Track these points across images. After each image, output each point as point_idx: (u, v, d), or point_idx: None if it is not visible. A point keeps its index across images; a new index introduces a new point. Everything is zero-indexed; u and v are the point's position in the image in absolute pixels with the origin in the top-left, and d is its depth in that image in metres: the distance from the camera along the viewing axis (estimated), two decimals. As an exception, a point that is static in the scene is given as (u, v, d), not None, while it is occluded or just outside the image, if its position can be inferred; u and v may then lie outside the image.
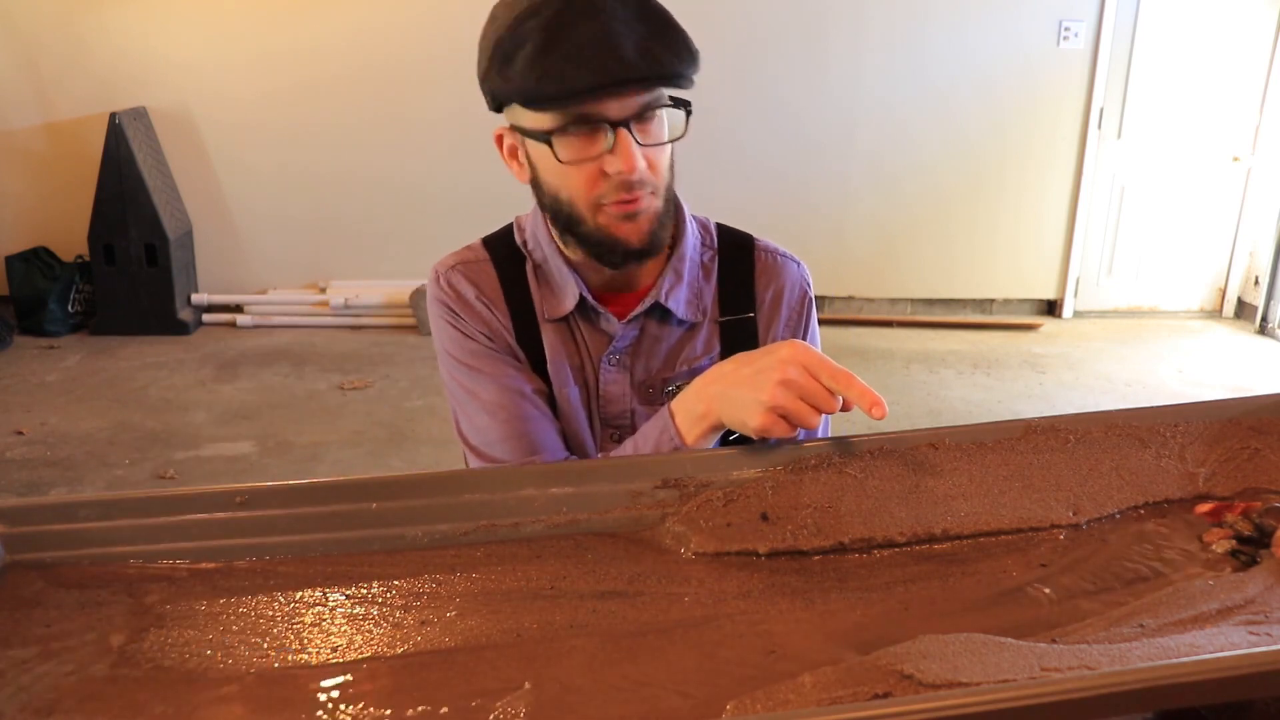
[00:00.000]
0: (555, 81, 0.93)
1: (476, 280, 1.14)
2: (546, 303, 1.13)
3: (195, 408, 3.98)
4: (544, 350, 1.14)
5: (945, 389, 4.30)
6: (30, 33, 4.81)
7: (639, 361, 1.14)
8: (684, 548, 0.89)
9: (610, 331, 1.13)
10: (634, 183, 0.99)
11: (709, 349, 1.15)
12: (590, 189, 1.00)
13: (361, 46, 4.89)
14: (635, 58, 0.93)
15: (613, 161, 0.97)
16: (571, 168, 0.99)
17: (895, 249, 5.26)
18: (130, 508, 0.87)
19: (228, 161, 5.04)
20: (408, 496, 0.90)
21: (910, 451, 0.94)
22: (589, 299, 1.11)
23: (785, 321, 1.17)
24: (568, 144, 0.98)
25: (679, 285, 1.13)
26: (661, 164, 1.03)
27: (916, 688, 0.63)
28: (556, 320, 1.14)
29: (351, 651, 0.75)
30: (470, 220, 5.00)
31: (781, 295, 1.17)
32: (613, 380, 1.14)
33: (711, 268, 1.16)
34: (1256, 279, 5.24)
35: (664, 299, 1.12)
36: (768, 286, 1.17)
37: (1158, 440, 0.98)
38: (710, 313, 1.15)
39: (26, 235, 4.99)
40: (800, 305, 1.18)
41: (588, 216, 1.02)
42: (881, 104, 5.06)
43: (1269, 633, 0.70)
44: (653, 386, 1.14)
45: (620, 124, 0.97)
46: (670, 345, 1.14)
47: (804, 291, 1.19)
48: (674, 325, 1.14)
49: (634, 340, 1.13)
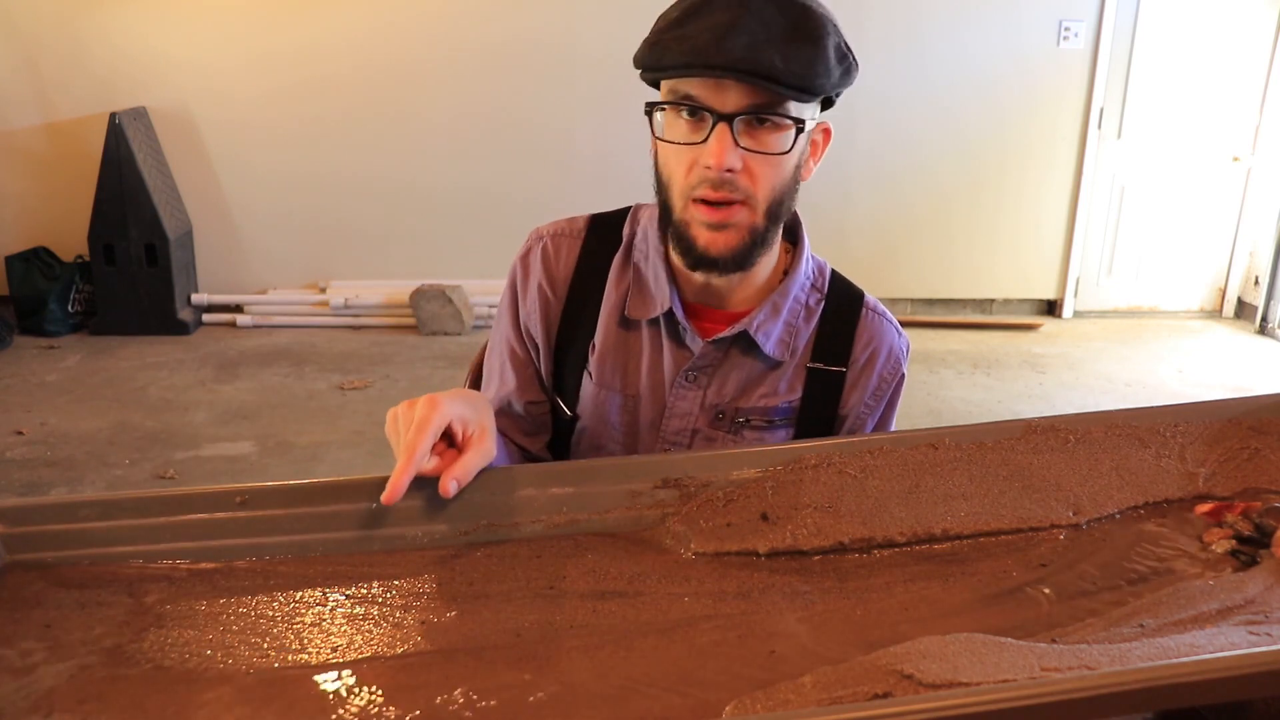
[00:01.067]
0: (660, 52, 0.95)
1: (556, 254, 1.14)
2: (632, 301, 1.11)
3: (195, 408, 3.98)
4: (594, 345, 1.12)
5: (945, 389, 4.30)
6: (30, 33, 4.80)
7: (714, 384, 1.11)
8: (684, 548, 0.89)
9: (692, 348, 1.10)
10: (721, 181, 0.96)
11: (791, 391, 1.11)
12: (684, 175, 0.98)
13: (361, 46, 4.89)
14: (740, 51, 0.91)
15: (704, 153, 0.96)
16: (670, 149, 0.99)
17: (895, 249, 5.26)
18: (130, 508, 0.87)
19: (228, 161, 5.04)
20: (408, 496, 0.90)
21: (910, 451, 0.94)
22: (678, 313, 1.09)
23: (873, 389, 1.14)
24: (668, 121, 0.98)
25: (774, 320, 1.09)
26: (768, 178, 0.98)
27: (916, 688, 0.63)
28: (632, 323, 1.11)
29: (351, 651, 0.75)
30: (470, 220, 5.02)
31: (877, 358, 1.14)
32: (683, 396, 1.11)
33: (815, 310, 1.13)
34: (1256, 279, 5.24)
35: (754, 331, 1.08)
36: (866, 346, 1.13)
37: (1158, 440, 0.98)
38: (801, 357, 1.12)
39: (26, 235, 4.99)
40: (892, 377, 1.15)
41: (678, 205, 1.01)
42: (881, 104, 5.05)
43: (1269, 633, 0.70)
44: (724, 412, 1.11)
45: (724, 118, 0.94)
46: (751, 377, 1.11)
47: (898, 363, 1.15)
48: (759, 359, 1.10)
49: (715, 362, 1.11)
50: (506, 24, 4.75)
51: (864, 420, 1.14)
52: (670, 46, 0.94)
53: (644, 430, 1.13)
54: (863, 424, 1.14)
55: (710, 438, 1.11)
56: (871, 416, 1.15)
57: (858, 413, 1.13)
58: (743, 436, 1.11)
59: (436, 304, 4.86)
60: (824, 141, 1.08)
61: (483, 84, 4.78)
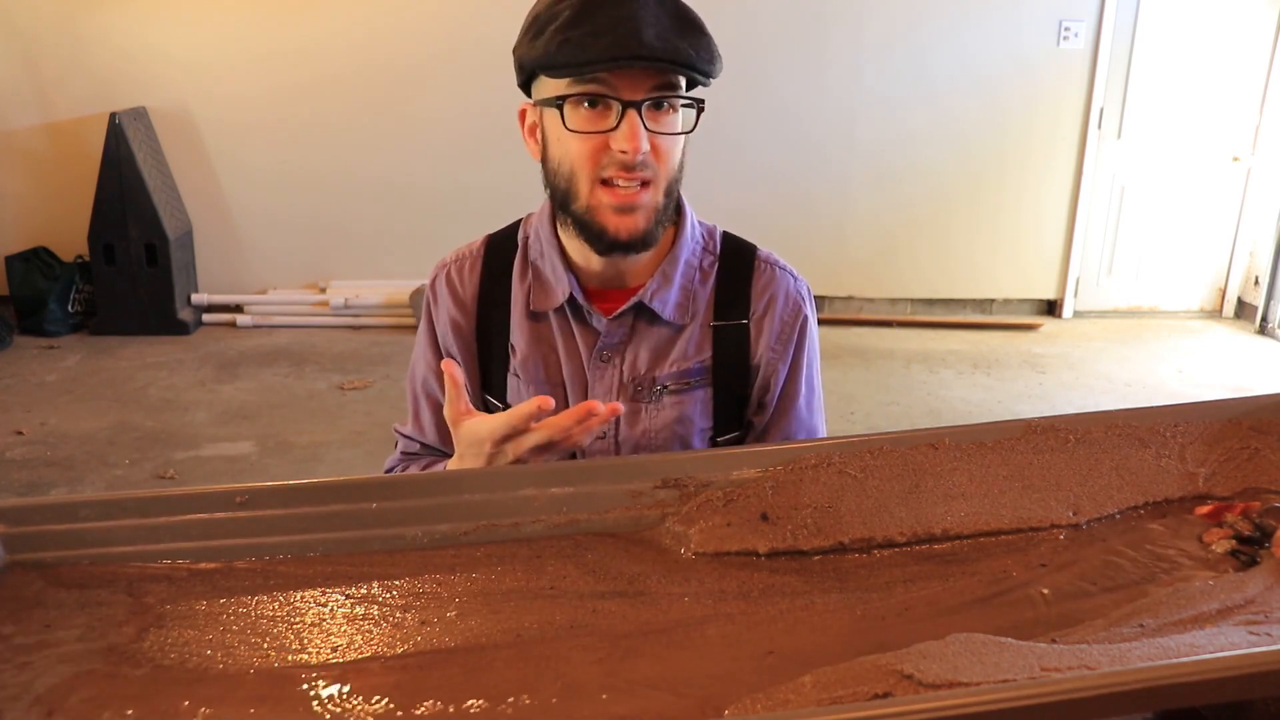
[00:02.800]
0: (575, 49, 0.98)
1: (459, 276, 1.20)
2: (535, 296, 1.16)
3: (195, 408, 3.98)
4: (514, 347, 1.17)
5: (945, 389, 4.30)
6: (30, 33, 4.81)
7: (627, 360, 1.15)
8: (684, 548, 0.89)
9: (598, 328, 1.15)
10: (635, 164, 1.01)
11: (700, 352, 1.16)
12: (593, 160, 1.03)
13: (361, 46, 4.89)
14: (654, 41, 0.97)
15: (617, 139, 1.00)
16: (577, 137, 1.02)
17: (895, 249, 5.26)
18: (130, 508, 0.87)
19: (228, 161, 5.04)
20: (408, 496, 0.90)
21: (910, 451, 0.94)
22: (578, 296, 1.13)
23: (777, 334, 1.17)
24: (578, 113, 1.02)
25: (667, 287, 1.14)
26: (669, 157, 1.05)
27: (916, 688, 0.63)
28: (540, 316, 1.16)
29: (351, 651, 0.75)
30: (470, 220, 5.00)
31: (775, 305, 1.17)
32: (601, 376, 1.16)
33: (710, 273, 1.17)
34: (1256, 279, 5.24)
35: (649, 300, 1.13)
36: (762, 295, 1.17)
37: (1158, 440, 0.98)
38: (704, 317, 1.16)
39: (26, 235, 4.99)
40: (794, 320, 1.18)
41: (583, 193, 1.05)
42: (881, 104, 5.06)
43: (1269, 633, 0.70)
44: (641, 385, 1.15)
45: (631, 104, 1.00)
46: (659, 345, 1.15)
47: (798, 305, 1.19)
48: (662, 326, 1.15)
49: (623, 338, 1.15)
50: (506, 24, 4.73)
51: (775, 366, 1.18)
52: (586, 43, 0.97)
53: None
54: (775, 370, 1.18)
55: (634, 410, 1.15)
56: (783, 362, 1.18)
57: (768, 359, 1.17)
58: (663, 403, 1.15)
59: (436, 304, 4.85)
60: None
61: (483, 84, 4.78)
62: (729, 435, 1.19)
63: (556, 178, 1.08)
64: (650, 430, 1.15)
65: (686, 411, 1.15)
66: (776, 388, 1.18)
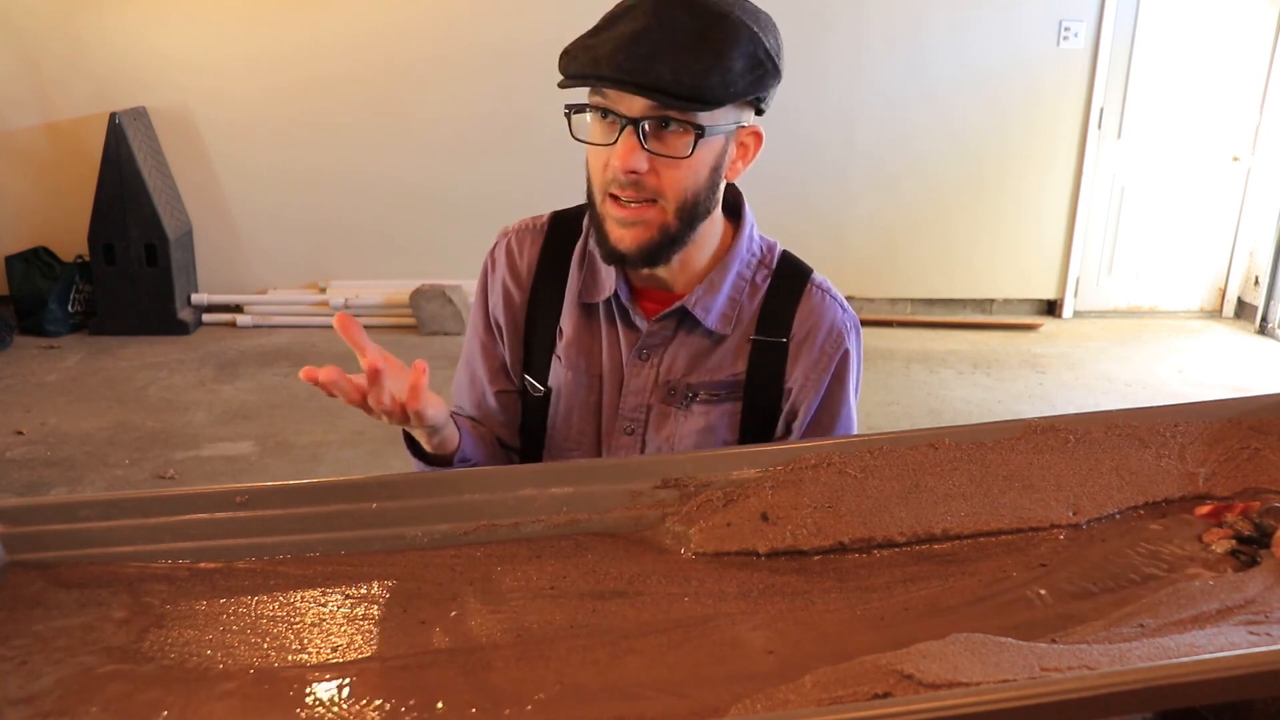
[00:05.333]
0: (566, 60, 1.01)
1: (519, 249, 1.20)
2: (586, 285, 1.16)
3: (195, 408, 3.98)
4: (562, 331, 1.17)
5: (945, 389, 4.30)
6: (30, 33, 4.80)
7: (665, 361, 1.15)
8: (684, 548, 0.89)
9: (640, 328, 1.15)
10: (628, 182, 1.01)
11: (735, 365, 1.15)
12: (601, 172, 1.04)
13: (361, 46, 4.88)
14: (634, 64, 0.96)
15: (614, 154, 1.01)
16: (591, 148, 1.05)
17: (895, 249, 5.26)
18: (130, 508, 0.87)
19: (228, 161, 5.04)
20: (408, 496, 0.90)
21: (910, 451, 0.94)
22: (622, 295, 1.14)
23: (814, 361, 1.15)
24: (581, 124, 1.04)
25: (713, 296, 1.13)
26: (677, 180, 1.03)
27: (916, 688, 0.63)
28: (591, 306, 1.17)
29: (351, 651, 0.75)
30: (471, 220, 5.02)
31: (818, 331, 1.15)
32: (636, 374, 1.16)
33: (761, 287, 1.16)
34: (1256, 279, 5.24)
35: (692, 306, 1.13)
36: (806, 319, 1.16)
37: (1158, 440, 0.98)
38: (745, 330, 1.15)
39: (26, 235, 4.99)
40: (834, 350, 1.16)
41: (597, 200, 1.07)
42: (881, 104, 5.05)
43: (1269, 633, 0.70)
44: (675, 389, 1.15)
45: (631, 122, 0.99)
46: (698, 352, 1.15)
47: (840, 337, 1.16)
48: (704, 334, 1.15)
49: (664, 340, 1.15)
50: (506, 24, 4.75)
51: (807, 394, 1.16)
52: (578, 56, 1.00)
53: (607, 408, 1.18)
54: (805, 398, 1.16)
55: (663, 413, 1.15)
56: (815, 391, 1.16)
57: (801, 385, 1.16)
58: (692, 411, 1.15)
59: (436, 304, 4.86)
60: (755, 144, 1.13)
61: (483, 84, 4.78)
62: None
63: (587, 180, 1.09)
64: (675, 435, 1.15)
65: (713, 422, 1.15)
66: (805, 416, 1.16)
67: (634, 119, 0.99)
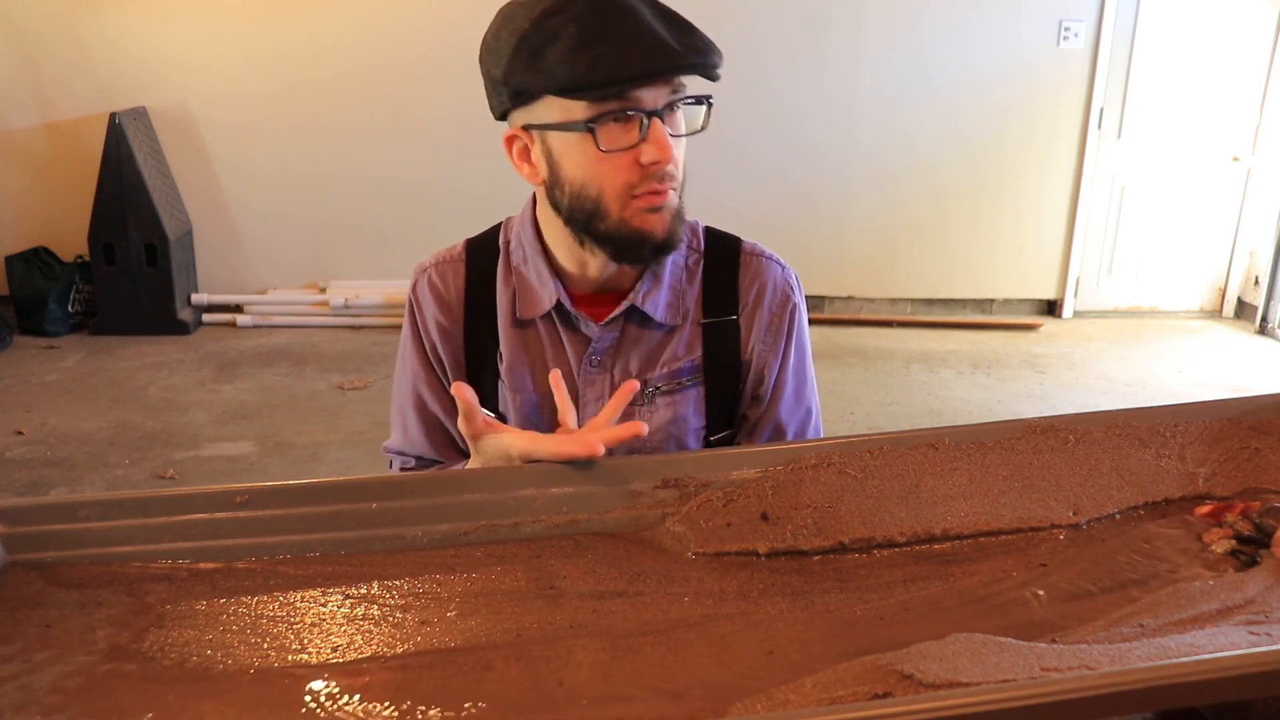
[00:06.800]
0: (604, 69, 0.94)
1: (443, 281, 1.17)
2: (520, 303, 1.14)
3: (195, 408, 3.98)
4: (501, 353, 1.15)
5: (945, 389, 4.30)
6: (30, 33, 4.80)
7: (619, 364, 1.14)
8: (684, 548, 0.89)
9: (589, 334, 1.13)
10: (667, 173, 1.00)
11: (690, 351, 1.14)
12: (625, 178, 1.00)
13: (361, 46, 4.89)
14: (679, 47, 0.95)
15: (648, 151, 0.98)
16: (608, 157, 0.99)
17: (895, 249, 5.26)
18: (130, 508, 0.87)
19: (228, 161, 5.04)
20: (408, 496, 0.90)
21: (910, 451, 0.94)
22: (565, 303, 1.12)
23: (766, 325, 1.16)
24: (609, 132, 0.98)
25: (657, 289, 1.13)
26: (682, 157, 1.04)
27: (916, 688, 0.63)
28: (526, 323, 1.14)
29: (351, 651, 0.75)
30: (471, 220, 5.00)
31: (763, 296, 1.16)
32: (592, 383, 1.14)
33: (696, 270, 1.16)
34: (1256, 279, 5.24)
35: (641, 303, 1.12)
36: (750, 287, 1.16)
37: (1158, 440, 0.98)
38: (693, 315, 1.15)
39: (26, 235, 4.99)
40: (782, 309, 1.16)
41: (614, 210, 1.02)
42: (881, 104, 5.05)
43: (1269, 633, 0.70)
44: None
45: (654, 113, 0.98)
46: (651, 347, 1.14)
47: (786, 295, 1.17)
48: (654, 328, 1.14)
49: (613, 343, 1.14)
50: (506, 24, 4.75)
51: (768, 359, 1.16)
52: (612, 60, 0.93)
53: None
54: (767, 363, 1.16)
55: (627, 415, 1.12)
56: (774, 353, 1.17)
57: (759, 352, 1.16)
58: (656, 405, 1.14)
59: (436, 304, 4.85)
60: None
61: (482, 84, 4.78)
62: (722, 434, 1.18)
63: (580, 200, 1.03)
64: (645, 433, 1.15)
65: (680, 411, 1.14)
66: (770, 378, 1.17)
67: (658, 110, 0.98)
